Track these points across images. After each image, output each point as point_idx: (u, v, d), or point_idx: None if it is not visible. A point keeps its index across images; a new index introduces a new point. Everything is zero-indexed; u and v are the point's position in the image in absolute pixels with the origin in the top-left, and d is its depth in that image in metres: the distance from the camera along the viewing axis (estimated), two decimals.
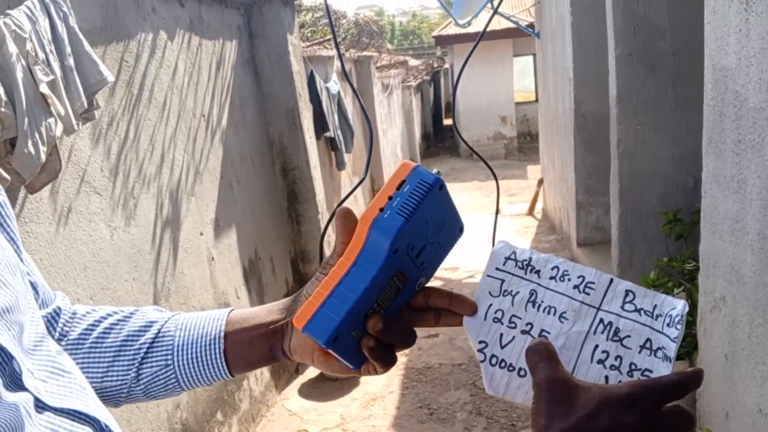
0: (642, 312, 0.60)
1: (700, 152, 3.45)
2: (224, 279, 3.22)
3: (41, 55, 1.68)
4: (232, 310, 0.71)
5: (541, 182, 7.64)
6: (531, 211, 7.76)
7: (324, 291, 0.57)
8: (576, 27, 4.98)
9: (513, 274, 0.66)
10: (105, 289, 2.25)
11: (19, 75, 1.58)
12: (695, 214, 3.65)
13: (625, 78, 3.73)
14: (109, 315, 0.71)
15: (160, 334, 0.69)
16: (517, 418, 3.31)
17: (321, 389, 3.78)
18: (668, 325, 0.58)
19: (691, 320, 2.93)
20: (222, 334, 0.68)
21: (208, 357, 0.67)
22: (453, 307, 0.65)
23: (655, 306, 0.60)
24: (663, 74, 3.68)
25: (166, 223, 2.68)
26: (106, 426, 0.56)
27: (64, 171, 2.04)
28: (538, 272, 0.65)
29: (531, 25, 7.62)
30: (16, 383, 0.49)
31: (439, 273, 4.45)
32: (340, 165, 6.03)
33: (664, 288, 3.04)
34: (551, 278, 0.64)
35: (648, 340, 0.58)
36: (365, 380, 3.87)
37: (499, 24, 12.34)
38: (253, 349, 0.67)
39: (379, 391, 3.72)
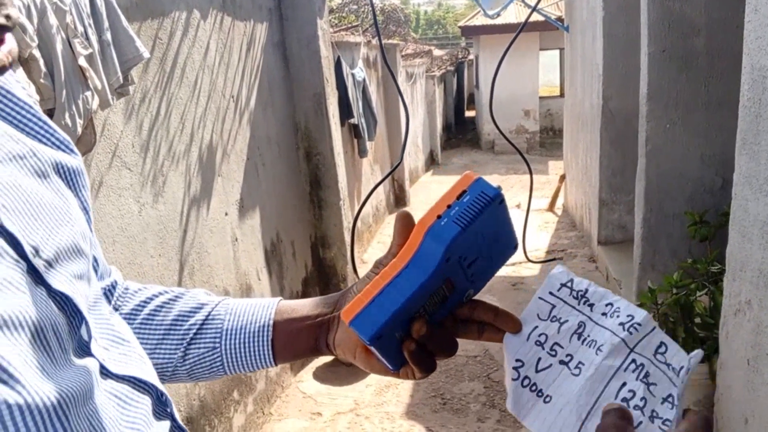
0: (670, 367, 0.60)
1: (730, 153, 3.39)
2: (246, 260, 3.24)
3: (80, 28, 1.70)
4: (281, 300, 0.72)
5: (563, 178, 7.58)
6: (552, 207, 7.71)
7: (374, 289, 0.59)
8: (608, 22, 4.92)
9: (565, 302, 0.66)
10: (132, 264, 2.28)
11: (59, 47, 1.59)
12: (722, 217, 3.61)
13: (656, 75, 3.68)
14: (160, 294, 0.72)
15: (210, 317, 0.70)
16: None
17: (336, 374, 3.77)
18: (678, 375, 0.59)
19: (713, 323, 2.91)
20: (271, 322, 0.69)
21: (256, 344, 0.68)
22: (498, 323, 0.65)
23: (682, 367, 0.59)
24: (696, 72, 3.63)
25: (193, 202, 2.70)
26: (162, 394, 0.57)
27: (97, 145, 2.06)
28: (591, 305, 0.65)
29: (560, 19, 7.53)
30: (83, 349, 0.50)
31: None
32: (363, 152, 6.03)
33: (687, 289, 3.01)
34: (603, 314, 0.64)
35: (670, 395, 0.59)
36: None
37: (521, 16, 12.24)
38: (299, 339, 0.69)
39: (393, 379, 3.73)
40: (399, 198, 8.42)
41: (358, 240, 6.02)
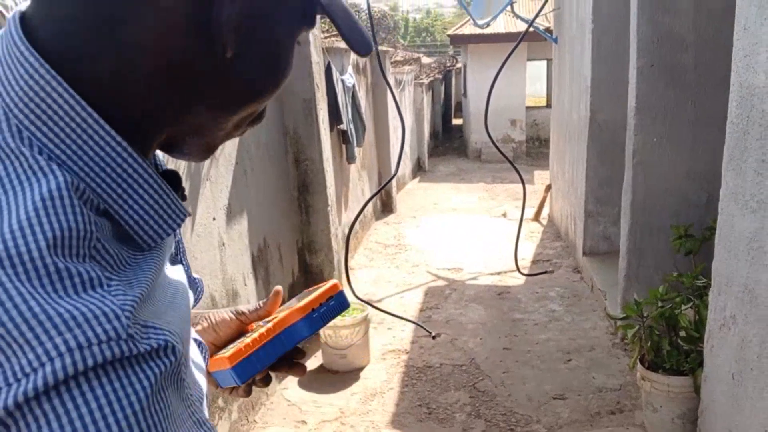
0: None
1: (716, 169, 3.43)
2: (233, 265, 3.22)
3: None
4: None
5: (548, 188, 7.63)
6: (537, 217, 7.75)
7: (253, 345, 0.78)
8: (596, 35, 4.97)
9: None
10: None
11: None
12: (707, 231, 3.64)
13: (644, 89, 3.72)
14: None
15: None
16: (516, 423, 3.32)
17: (321, 381, 3.78)
18: None
19: (697, 336, 2.93)
20: None
21: None
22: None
23: None
24: (683, 88, 3.67)
25: None
26: None
27: None
28: None
29: (548, 30, 7.60)
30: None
31: (443, 274, 4.43)
32: (351, 158, 6.02)
33: (672, 302, 3.03)
34: None
35: None
36: (365, 375, 3.87)
37: (515, 26, 12.31)
38: None
39: (379, 387, 3.73)
40: (386, 204, 8.42)
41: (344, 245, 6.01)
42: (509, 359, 4.02)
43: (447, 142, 16.03)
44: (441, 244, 6.89)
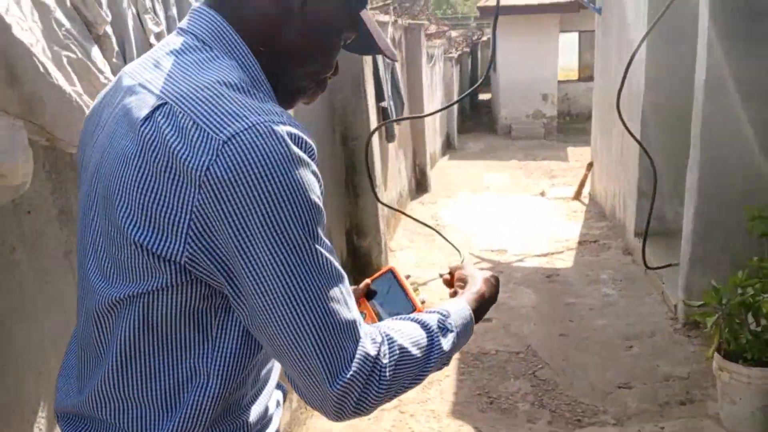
0: None
1: None
2: None
3: (149, 4, 1.54)
4: None
5: (590, 166, 7.40)
6: (578, 196, 7.55)
7: None
8: (653, 4, 4.71)
9: None
10: None
11: (130, 23, 1.43)
12: None
13: (716, 61, 3.50)
14: None
15: None
16: (583, 413, 3.19)
17: None
18: None
19: None
20: None
21: None
22: None
23: None
24: (759, 59, 3.44)
25: None
26: None
27: None
28: None
29: (592, 0, 7.31)
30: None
31: (486, 256, 4.28)
32: (391, 136, 5.87)
33: (753, 288, 2.86)
34: None
35: None
36: None
37: None
38: None
39: (436, 375, 3.61)
40: (420, 183, 8.25)
41: (386, 226, 5.88)
42: (567, 346, 3.88)
43: (475, 118, 15.76)
44: (481, 224, 6.73)
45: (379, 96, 5.22)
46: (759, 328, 2.85)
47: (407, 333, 0.86)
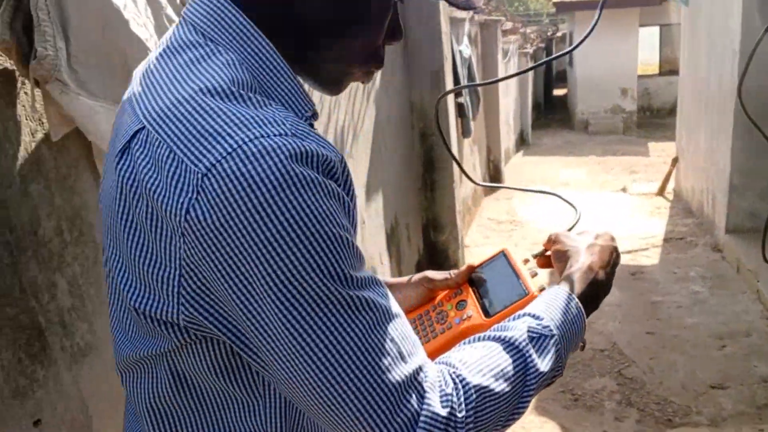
0: None
1: None
2: (372, 243, 3.14)
3: None
4: None
5: (675, 161, 7.12)
6: (662, 191, 7.27)
7: (446, 344, 0.82)
8: None
9: None
10: None
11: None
12: None
13: None
14: None
15: None
16: (674, 413, 3.08)
17: None
18: None
19: None
20: None
21: None
22: None
23: None
24: None
25: None
26: None
27: None
28: None
29: None
30: None
31: None
32: (467, 132, 5.82)
33: None
34: None
35: None
36: None
37: None
38: None
39: None
40: (494, 179, 8.17)
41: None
42: (655, 344, 3.75)
43: (549, 114, 15.45)
44: (556, 219, 6.59)
45: (457, 92, 5.20)
46: None
47: (486, 363, 0.65)
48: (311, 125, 0.73)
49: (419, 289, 0.95)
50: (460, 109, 5.64)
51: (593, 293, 0.80)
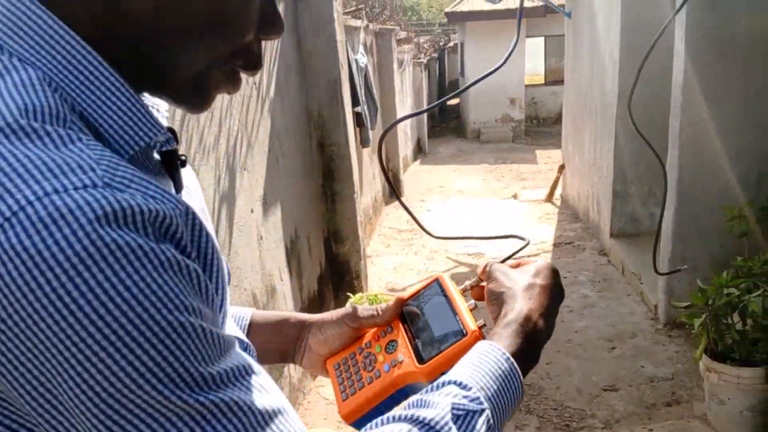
0: None
1: (765, 145, 3.27)
2: (270, 259, 3.01)
3: None
4: (253, 312, 0.86)
5: (562, 168, 7.45)
6: (550, 198, 7.59)
7: (374, 398, 0.74)
8: (626, 8, 4.76)
9: None
10: None
11: None
12: (760, 211, 3.48)
13: (692, 64, 3.52)
14: None
15: None
16: (570, 418, 3.16)
17: None
18: None
19: (766, 324, 2.78)
20: (245, 329, 0.83)
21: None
22: None
23: None
24: (733, 61, 3.48)
25: (222, 199, 2.46)
26: None
27: None
28: None
29: (560, 5, 7.37)
30: None
31: (464, 259, 4.25)
32: (365, 142, 5.80)
33: (738, 288, 2.86)
34: None
35: None
36: None
37: (514, 2, 12.05)
38: (264, 347, 0.80)
39: None
40: (394, 188, 8.20)
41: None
42: (550, 349, 3.85)
43: (444, 123, 15.80)
44: (455, 228, 6.71)
45: (354, 101, 5.15)
46: (745, 327, 2.85)
47: None
48: (174, 154, 0.58)
49: (343, 328, 0.81)
50: (359, 118, 5.60)
51: (532, 347, 0.67)
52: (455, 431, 0.55)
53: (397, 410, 0.58)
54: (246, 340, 0.73)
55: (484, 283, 0.77)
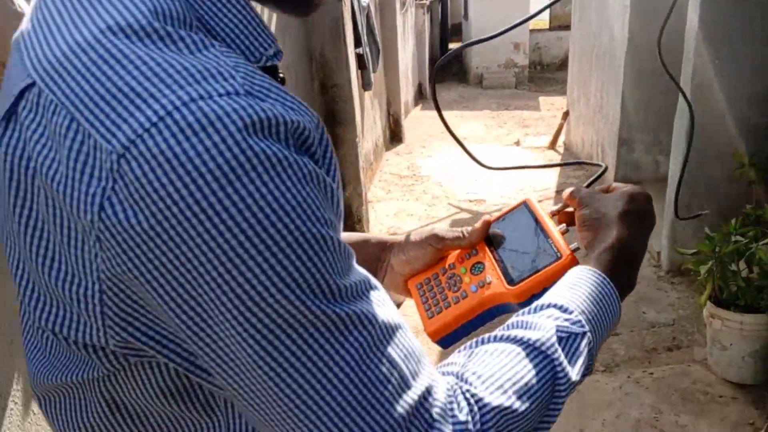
0: None
1: None
2: None
3: None
4: None
5: (566, 115, 7.34)
6: (553, 145, 7.50)
7: (460, 316, 0.73)
8: None
9: None
10: None
11: None
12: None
13: (708, 7, 3.41)
14: None
15: None
16: None
17: None
18: None
19: None
20: None
21: None
22: None
23: None
24: (752, 4, 3.37)
25: None
26: None
27: None
28: None
29: None
30: None
31: (465, 205, 4.21)
32: (368, 85, 5.68)
33: (747, 237, 2.84)
34: None
35: None
36: (403, 312, 3.70)
37: None
38: None
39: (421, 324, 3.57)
40: (395, 133, 8.11)
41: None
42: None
43: (446, 68, 15.50)
44: (457, 174, 6.65)
45: (356, 42, 5.02)
46: (750, 275, 2.85)
47: (507, 377, 0.53)
48: (275, 70, 0.56)
49: (427, 249, 0.80)
50: (360, 60, 5.47)
51: (630, 273, 0.67)
52: (561, 354, 0.56)
53: (499, 331, 0.58)
54: None
55: (569, 209, 0.76)
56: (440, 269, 0.80)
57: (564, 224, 0.76)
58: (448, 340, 0.75)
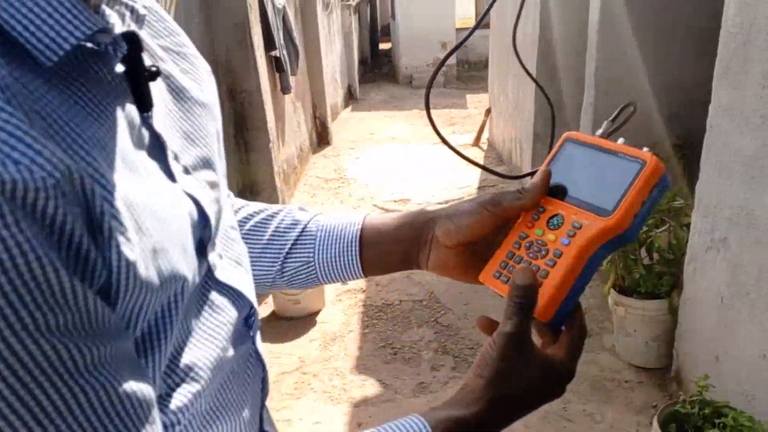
0: None
1: (682, 82, 3.30)
2: None
3: None
4: (367, 216, 0.77)
5: (488, 112, 7.45)
6: (477, 142, 7.60)
7: (567, 276, 0.62)
8: None
9: None
10: None
11: None
12: (675, 148, 3.55)
13: (608, 1, 3.49)
14: (260, 211, 0.78)
15: (304, 233, 0.75)
16: None
17: (275, 330, 3.54)
18: None
19: (672, 258, 2.85)
20: (356, 240, 0.74)
21: (346, 259, 0.74)
22: None
23: None
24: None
25: None
26: (251, 315, 0.60)
27: None
28: None
29: None
30: (199, 250, 0.50)
31: (390, 206, 4.21)
32: (286, 88, 5.60)
33: (646, 225, 2.92)
34: None
35: None
36: (322, 319, 3.66)
37: None
38: (387, 258, 0.75)
39: (338, 331, 3.53)
40: (322, 136, 8.04)
41: (285, 182, 5.67)
42: (468, 290, 3.89)
43: (376, 68, 15.55)
44: (384, 175, 6.65)
45: (270, 44, 4.94)
46: (651, 262, 2.93)
47: None
48: (109, 49, 0.43)
49: (482, 215, 0.68)
50: (278, 63, 5.39)
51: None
52: None
53: None
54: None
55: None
56: (508, 251, 0.68)
57: (622, 139, 0.67)
58: (560, 315, 0.63)
